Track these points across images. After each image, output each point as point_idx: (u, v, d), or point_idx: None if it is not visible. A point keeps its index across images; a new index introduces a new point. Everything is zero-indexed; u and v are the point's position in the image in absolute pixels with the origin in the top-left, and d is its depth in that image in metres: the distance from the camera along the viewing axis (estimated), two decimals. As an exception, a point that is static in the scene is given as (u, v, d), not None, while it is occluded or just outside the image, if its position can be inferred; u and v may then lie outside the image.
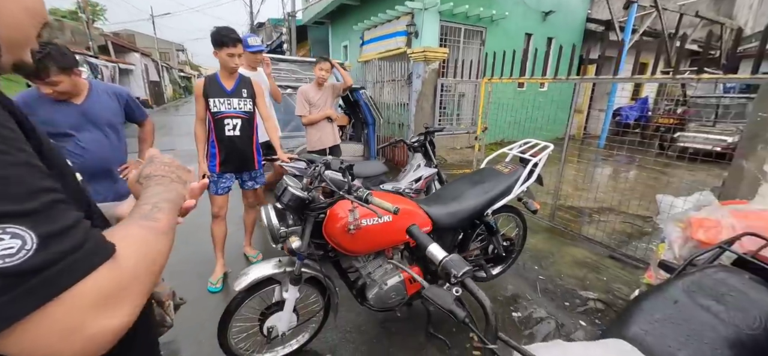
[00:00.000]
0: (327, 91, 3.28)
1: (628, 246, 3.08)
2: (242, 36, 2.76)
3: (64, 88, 1.61)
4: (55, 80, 1.56)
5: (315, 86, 3.23)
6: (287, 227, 1.50)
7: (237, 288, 1.52)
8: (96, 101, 1.78)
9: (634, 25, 7.49)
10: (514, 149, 2.33)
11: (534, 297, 2.47)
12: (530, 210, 2.09)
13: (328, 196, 1.59)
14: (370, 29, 7.42)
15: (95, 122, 1.76)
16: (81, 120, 1.71)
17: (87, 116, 1.73)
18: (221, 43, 2.09)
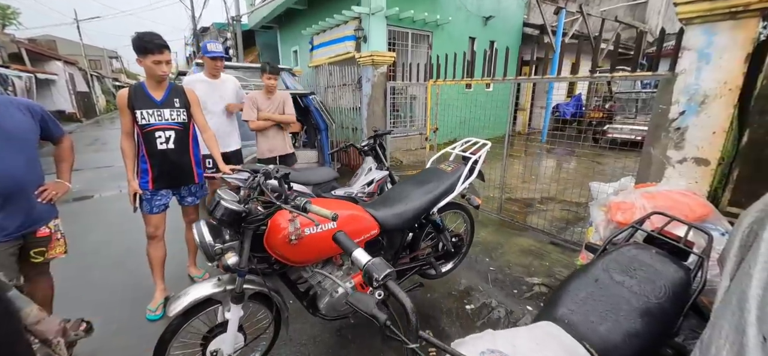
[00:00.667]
0: (277, 100, 3.19)
1: (566, 232, 3.34)
2: (202, 42, 2.58)
3: None
4: None
5: (264, 94, 3.13)
6: (223, 242, 1.41)
7: (172, 312, 1.40)
8: (5, 116, 1.54)
9: (564, 29, 8.19)
10: (456, 148, 2.42)
11: (486, 288, 2.58)
12: (473, 205, 2.18)
13: (268, 207, 1.53)
14: (319, 34, 7.34)
15: (5, 139, 1.52)
16: None
17: None
18: (145, 49, 1.92)
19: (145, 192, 2.16)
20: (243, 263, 1.40)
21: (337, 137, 5.83)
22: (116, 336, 2.09)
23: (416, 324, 0.65)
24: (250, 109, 3.09)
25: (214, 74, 2.84)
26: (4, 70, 8.09)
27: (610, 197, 2.17)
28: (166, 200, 2.26)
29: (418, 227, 2.09)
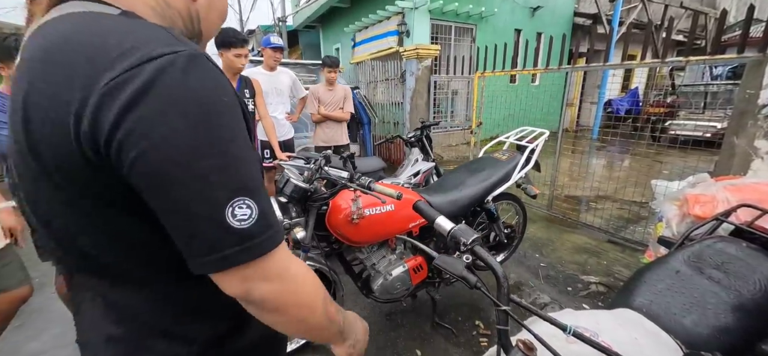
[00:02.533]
0: (338, 93, 3.33)
1: (626, 231, 3.12)
2: (265, 36, 2.81)
3: None
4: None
5: (325, 86, 3.28)
6: (290, 219, 1.50)
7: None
8: None
9: (620, 18, 7.62)
10: (510, 137, 2.36)
11: (537, 283, 2.49)
12: (530, 195, 2.12)
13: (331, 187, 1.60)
14: (361, 31, 7.46)
15: None
16: None
17: None
18: (229, 43, 2.09)
19: None
20: (308, 239, 1.47)
21: (378, 132, 5.90)
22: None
23: (507, 288, 0.65)
24: (312, 102, 3.28)
25: (272, 66, 3.00)
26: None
27: (685, 190, 2.00)
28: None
29: (472, 215, 2.07)
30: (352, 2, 7.93)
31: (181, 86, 0.36)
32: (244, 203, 0.39)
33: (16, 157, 0.42)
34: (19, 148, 0.39)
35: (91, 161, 0.36)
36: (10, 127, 0.40)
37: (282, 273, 0.44)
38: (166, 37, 0.38)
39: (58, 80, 0.35)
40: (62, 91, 0.35)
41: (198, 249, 0.39)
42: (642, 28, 8.69)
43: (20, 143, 0.38)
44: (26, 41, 0.40)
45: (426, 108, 4.98)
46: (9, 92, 1.38)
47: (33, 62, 0.38)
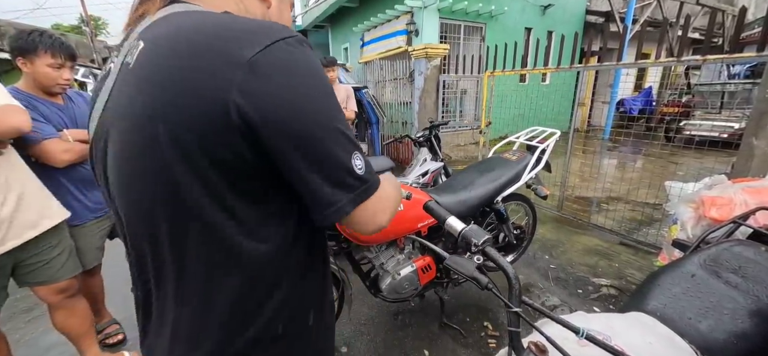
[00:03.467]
0: (340, 94, 3.35)
1: (638, 233, 3.06)
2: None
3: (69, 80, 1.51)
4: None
5: None
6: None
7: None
8: (77, 105, 1.63)
9: (634, 16, 7.46)
10: (520, 136, 2.33)
11: (546, 285, 2.46)
12: (540, 196, 2.09)
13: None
14: (370, 30, 7.47)
15: (82, 126, 1.59)
16: (70, 124, 1.56)
17: (76, 120, 1.58)
18: None
19: None
20: (318, 237, 1.48)
21: (386, 132, 5.90)
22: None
23: (519, 289, 0.65)
24: None
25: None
26: (99, 71, 9.33)
27: (700, 192, 1.95)
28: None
29: (481, 216, 2.06)
30: (360, 2, 7.94)
31: (309, 60, 0.44)
32: (357, 156, 0.49)
33: (129, 153, 0.44)
34: (142, 140, 0.42)
35: (237, 132, 0.40)
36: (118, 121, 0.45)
37: (385, 197, 0.54)
38: (279, 25, 0.44)
39: (203, 64, 0.39)
40: (211, 71, 0.39)
41: (339, 196, 0.47)
42: (657, 26, 8.51)
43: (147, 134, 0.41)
44: (144, 32, 0.44)
45: (434, 108, 4.96)
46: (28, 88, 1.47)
47: (172, 49, 0.41)
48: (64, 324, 1.50)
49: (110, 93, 0.46)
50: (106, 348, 1.89)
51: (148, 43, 0.42)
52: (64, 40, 1.47)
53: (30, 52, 1.37)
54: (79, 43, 11.13)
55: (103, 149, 0.48)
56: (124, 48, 0.46)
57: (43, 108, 1.45)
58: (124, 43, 0.47)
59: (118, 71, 0.45)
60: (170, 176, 0.42)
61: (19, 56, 1.38)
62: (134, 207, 0.48)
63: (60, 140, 1.45)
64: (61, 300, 1.46)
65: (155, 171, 0.43)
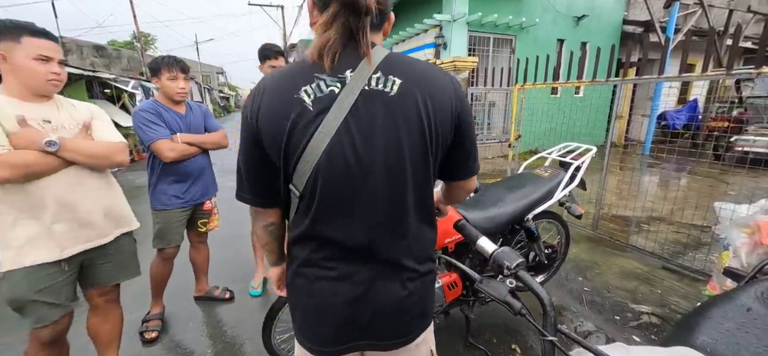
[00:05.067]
0: None
1: (683, 257, 2.85)
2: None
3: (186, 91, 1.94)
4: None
5: None
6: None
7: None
8: (194, 115, 2.03)
9: (676, 25, 7.06)
10: (553, 152, 2.26)
11: (580, 309, 2.34)
12: (574, 215, 2.00)
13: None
14: (398, 44, 7.56)
15: (195, 131, 1.99)
16: (185, 129, 1.95)
17: (190, 126, 1.97)
18: (265, 56, 2.25)
19: None
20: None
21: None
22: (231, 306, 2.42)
23: (554, 317, 0.63)
24: None
25: None
26: (147, 83, 10.07)
27: (756, 216, 1.79)
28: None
29: (510, 233, 2.00)
30: (389, 16, 8.09)
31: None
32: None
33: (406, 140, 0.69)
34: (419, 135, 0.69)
35: (452, 130, 0.73)
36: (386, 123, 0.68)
37: None
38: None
39: (444, 88, 0.71)
40: (447, 95, 0.71)
41: (473, 163, 0.82)
42: (702, 36, 8.00)
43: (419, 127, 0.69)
44: (386, 69, 0.68)
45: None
46: (160, 99, 1.88)
47: (426, 81, 0.69)
48: (97, 329, 1.61)
49: (353, 108, 0.66)
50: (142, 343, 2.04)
51: (404, 78, 0.67)
52: (177, 59, 1.90)
53: (157, 71, 1.82)
54: (131, 58, 12.14)
55: (350, 140, 0.67)
56: (354, 79, 0.67)
57: (165, 115, 1.85)
58: (343, 76, 0.67)
59: (361, 94, 0.66)
60: (415, 155, 0.70)
61: (153, 77, 1.85)
62: (390, 169, 0.69)
63: (169, 140, 1.81)
64: (103, 302, 1.58)
65: (415, 150, 0.70)
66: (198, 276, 2.41)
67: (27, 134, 1.18)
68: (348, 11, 0.65)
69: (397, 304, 0.76)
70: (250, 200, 0.80)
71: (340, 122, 0.66)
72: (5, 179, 1.12)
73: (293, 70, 0.70)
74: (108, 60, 11.55)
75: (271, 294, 2.52)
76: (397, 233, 0.73)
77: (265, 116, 0.68)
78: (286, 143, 0.67)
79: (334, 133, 0.66)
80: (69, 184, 1.31)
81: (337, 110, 0.65)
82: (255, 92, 0.73)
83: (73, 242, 1.34)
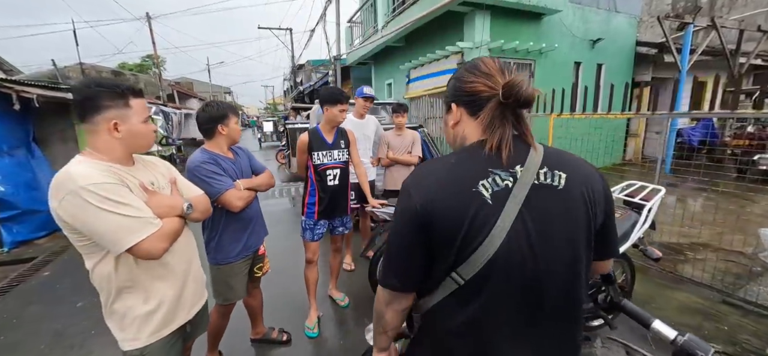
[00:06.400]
0: (408, 139, 3.45)
1: (741, 289, 2.81)
2: (358, 88, 3.16)
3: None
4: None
5: (395, 132, 3.43)
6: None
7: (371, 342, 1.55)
8: (242, 158, 1.99)
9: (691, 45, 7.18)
10: (615, 191, 2.27)
11: (648, 349, 2.30)
12: (652, 258, 1.99)
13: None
14: (417, 68, 7.69)
15: (246, 176, 1.94)
16: (240, 174, 1.89)
17: (242, 171, 1.92)
18: (337, 100, 2.30)
19: (309, 222, 2.47)
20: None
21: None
22: (290, 349, 2.39)
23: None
24: (382, 146, 3.41)
25: (362, 114, 3.19)
26: (164, 108, 10.23)
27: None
28: (323, 229, 2.53)
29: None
30: (406, 41, 8.25)
31: None
32: None
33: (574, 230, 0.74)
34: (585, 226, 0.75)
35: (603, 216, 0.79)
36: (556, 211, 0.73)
37: None
38: None
39: (596, 178, 0.79)
40: (600, 184, 0.79)
41: (615, 245, 0.88)
42: (714, 55, 8.12)
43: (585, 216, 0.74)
44: (551, 164, 0.75)
45: (491, 146, 4.96)
46: (214, 149, 1.81)
47: (583, 174, 0.76)
48: None
49: (526, 201, 0.70)
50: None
51: (569, 173, 0.74)
52: (232, 104, 1.89)
53: (227, 118, 1.79)
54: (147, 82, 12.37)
55: (525, 231, 0.70)
56: (525, 173, 0.72)
57: (224, 164, 1.79)
58: (513, 170, 0.72)
59: (532, 188, 0.71)
60: (582, 241, 0.74)
61: (219, 124, 1.77)
62: (562, 259, 0.72)
63: (235, 189, 1.76)
64: None
65: (581, 241, 0.74)
66: (254, 319, 2.39)
67: (162, 200, 1.18)
68: (513, 105, 0.73)
69: None
70: (399, 287, 0.80)
71: (516, 216, 0.68)
72: (163, 251, 1.10)
73: (466, 164, 0.74)
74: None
75: (326, 337, 2.50)
76: (568, 319, 0.76)
77: (441, 208, 0.70)
78: (464, 235, 0.69)
79: (511, 227, 0.68)
80: (186, 243, 1.32)
81: (513, 203, 0.69)
82: (421, 180, 0.76)
83: (196, 300, 1.36)
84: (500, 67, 0.76)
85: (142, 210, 1.07)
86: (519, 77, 0.72)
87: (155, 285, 1.18)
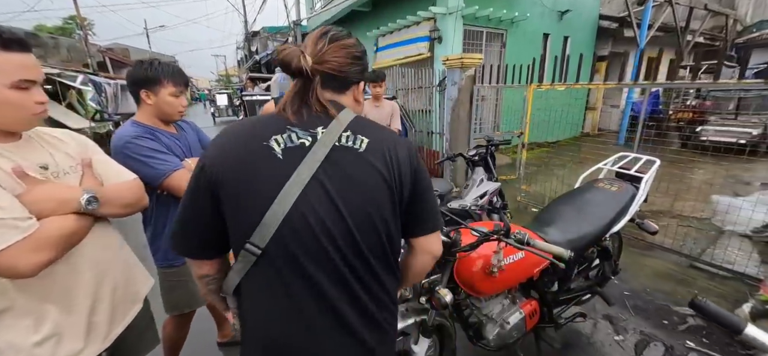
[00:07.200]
0: (385, 110, 3.16)
1: (705, 253, 2.97)
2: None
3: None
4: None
5: (372, 103, 3.11)
6: (429, 277, 1.33)
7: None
8: (189, 133, 1.56)
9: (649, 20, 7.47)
10: (608, 163, 2.20)
11: (627, 316, 2.34)
12: (649, 232, 1.96)
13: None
14: (385, 35, 7.29)
15: (196, 154, 1.51)
16: (187, 152, 1.48)
17: (190, 149, 1.50)
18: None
19: None
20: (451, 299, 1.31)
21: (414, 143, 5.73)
22: None
23: None
24: None
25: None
26: (95, 77, 8.88)
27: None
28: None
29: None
30: (374, 6, 7.74)
31: None
32: None
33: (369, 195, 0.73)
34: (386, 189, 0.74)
35: (411, 184, 0.78)
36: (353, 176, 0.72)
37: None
38: None
39: (402, 148, 0.78)
40: (405, 152, 0.78)
41: (434, 220, 0.85)
42: (666, 31, 8.57)
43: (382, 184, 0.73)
44: (356, 129, 0.75)
45: (467, 119, 4.82)
46: (148, 121, 1.38)
47: (391, 143, 0.76)
48: None
49: (325, 160, 0.69)
50: None
51: (371, 138, 0.74)
52: (180, 69, 1.42)
53: (155, 83, 1.34)
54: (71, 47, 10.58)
55: (324, 190, 0.69)
56: (325, 135, 0.71)
57: (165, 139, 1.38)
58: (314, 131, 0.72)
59: (333, 149, 0.70)
60: (384, 204, 0.74)
61: (143, 88, 1.34)
62: (363, 218, 0.71)
63: (186, 170, 1.34)
64: None
65: (384, 204, 0.74)
66: (221, 321, 2.07)
67: (49, 192, 0.83)
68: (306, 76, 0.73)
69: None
70: (187, 252, 0.77)
71: (312, 175, 0.68)
72: (38, 265, 0.77)
73: (266, 122, 0.74)
74: (43, 50, 9.95)
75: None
76: (363, 284, 0.74)
77: (230, 164, 0.68)
78: (252, 191, 0.68)
79: (307, 185, 0.67)
80: (101, 247, 0.98)
81: (310, 161, 0.68)
82: (217, 138, 0.74)
83: (119, 319, 1.03)
84: (314, 38, 0.76)
85: (2, 208, 0.73)
86: (290, 48, 0.72)
87: (45, 308, 0.85)
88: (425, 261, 0.88)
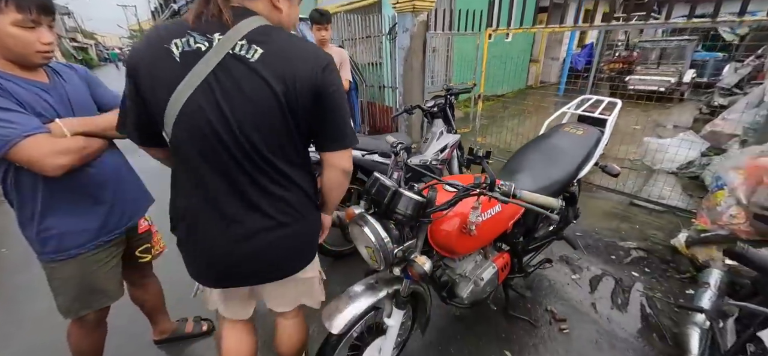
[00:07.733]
0: (333, 56, 2.78)
1: (642, 191, 3.20)
2: None
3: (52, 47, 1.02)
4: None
5: None
6: (403, 244, 1.12)
7: (335, 329, 1.13)
8: (70, 83, 1.13)
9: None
10: (571, 107, 2.14)
11: (581, 255, 2.45)
12: (612, 174, 1.95)
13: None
14: (329, -22, 6.55)
15: (81, 112, 1.11)
16: (65, 109, 1.07)
17: (70, 103, 1.09)
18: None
19: None
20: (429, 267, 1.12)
21: (364, 98, 5.38)
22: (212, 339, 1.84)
23: None
24: None
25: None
26: None
27: (743, 156, 1.99)
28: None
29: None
30: (312, -57, 6.84)
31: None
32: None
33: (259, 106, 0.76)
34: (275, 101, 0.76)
35: (313, 100, 0.80)
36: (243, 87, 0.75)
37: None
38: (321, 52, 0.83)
39: (303, 62, 0.77)
40: (308, 65, 0.78)
41: (343, 138, 0.89)
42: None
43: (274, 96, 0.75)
44: (253, 38, 0.74)
45: (421, 69, 4.56)
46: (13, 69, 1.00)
47: (289, 53, 0.77)
48: None
49: (217, 68, 0.73)
50: None
51: (267, 49, 0.74)
52: None
53: None
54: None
55: (213, 95, 0.74)
56: (221, 42, 0.73)
57: (18, 89, 0.96)
58: (211, 37, 0.74)
59: (226, 57, 0.73)
60: (273, 115, 0.77)
61: None
62: (249, 124, 0.76)
63: (49, 136, 0.96)
64: None
65: (274, 115, 0.77)
66: (154, 317, 1.71)
67: None
68: None
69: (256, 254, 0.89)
70: (129, 134, 0.87)
71: (203, 79, 0.72)
72: None
73: (174, 26, 0.75)
74: None
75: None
76: (251, 179, 0.82)
77: (142, 64, 0.74)
78: (154, 89, 0.75)
79: (197, 88, 0.72)
80: None
81: (202, 66, 0.72)
82: (140, 39, 0.82)
83: None
84: None
85: None
86: None
87: None
88: (335, 176, 0.94)
